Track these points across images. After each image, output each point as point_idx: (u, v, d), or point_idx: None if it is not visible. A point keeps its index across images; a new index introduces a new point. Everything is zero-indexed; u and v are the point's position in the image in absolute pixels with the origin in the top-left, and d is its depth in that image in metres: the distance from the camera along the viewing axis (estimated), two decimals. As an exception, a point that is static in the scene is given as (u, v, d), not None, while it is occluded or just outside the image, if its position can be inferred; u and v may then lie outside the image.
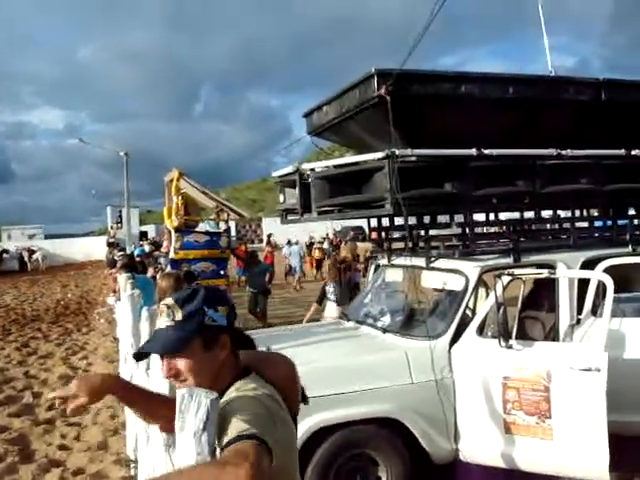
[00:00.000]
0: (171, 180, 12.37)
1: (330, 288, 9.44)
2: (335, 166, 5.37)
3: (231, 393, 1.95)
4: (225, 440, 1.70)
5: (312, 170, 5.44)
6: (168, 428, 2.08)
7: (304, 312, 15.75)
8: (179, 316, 2.02)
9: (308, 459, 4.73)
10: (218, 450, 1.71)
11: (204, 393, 1.77)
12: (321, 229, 39.95)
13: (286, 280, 25.45)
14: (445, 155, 5.19)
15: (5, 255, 45.33)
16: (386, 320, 5.99)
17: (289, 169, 5.72)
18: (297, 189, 5.59)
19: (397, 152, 4.93)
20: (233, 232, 48.62)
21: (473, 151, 5.17)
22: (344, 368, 5.10)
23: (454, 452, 5.07)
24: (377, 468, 4.96)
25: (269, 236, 30.79)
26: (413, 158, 5.11)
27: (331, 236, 33.48)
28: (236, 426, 1.73)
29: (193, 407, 1.74)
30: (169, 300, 2.08)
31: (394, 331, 5.66)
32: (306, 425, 4.65)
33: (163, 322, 2.04)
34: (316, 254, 27.30)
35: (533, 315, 6.28)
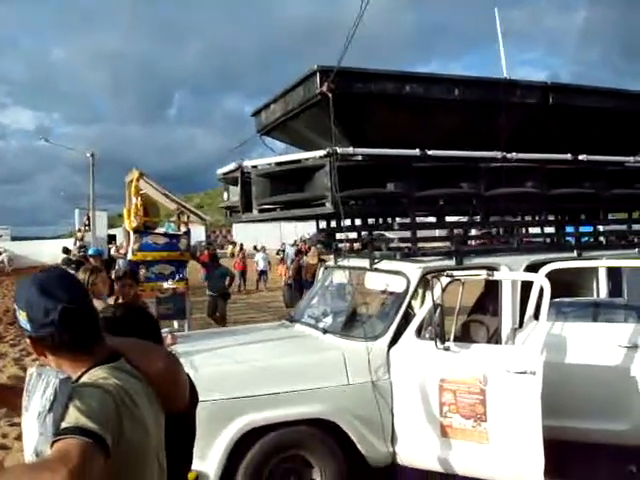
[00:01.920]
0: (131, 181, 12.23)
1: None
2: (277, 164, 5.30)
3: (83, 379, 1.84)
4: (61, 426, 1.61)
5: (254, 167, 5.37)
6: None
7: (267, 318, 15.70)
8: None
9: (239, 460, 4.64)
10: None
11: (54, 373, 1.68)
12: (291, 235, 39.86)
13: (257, 287, 25.35)
14: (387, 155, 5.16)
15: (-32, 257, 44.66)
16: (327, 321, 5.93)
17: (231, 166, 5.64)
18: (239, 187, 5.51)
19: (338, 150, 4.88)
20: (203, 237, 48.47)
21: (416, 151, 5.14)
22: (279, 368, 5.01)
23: (391, 455, 4.99)
24: (311, 470, 4.87)
25: (234, 243, 30.69)
26: (356, 157, 5.06)
27: (299, 243, 33.38)
28: (73, 415, 1.62)
29: (40, 386, 1.66)
30: None
31: (334, 332, 5.58)
32: (238, 425, 4.58)
33: None
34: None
35: (479, 319, 6.27)
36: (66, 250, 21.60)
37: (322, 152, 4.90)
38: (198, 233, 43.35)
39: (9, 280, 34.64)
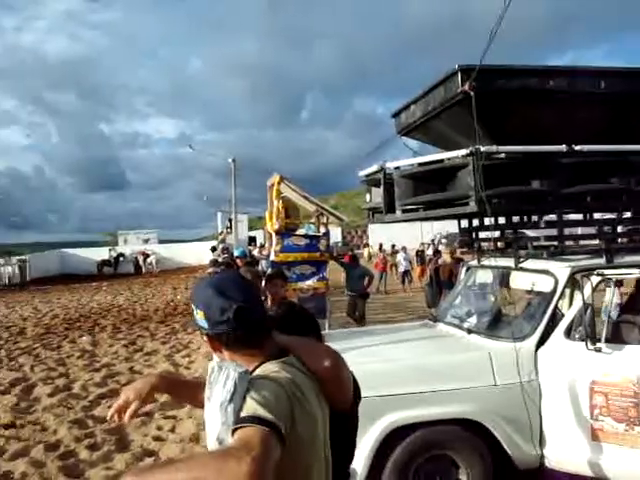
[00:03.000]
0: (272, 184, 12.57)
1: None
2: (419, 164, 5.33)
3: (256, 373, 1.96)
4: (241, 416, 1.72)
5: (396, 168, 5.42)
6: None
7: (404, 317, 15.71)
8: None
9: (386, 458, 4.70)
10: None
11: (233, 366, 1.80)
12: (428, 235, 39.66)
13: (403, 287, 24.71)
14: (532, 151, 5.05)
15: (121, 259, 47.49)
16: (472, 321, 5.87)
17: (374, 168, 5.71)
18: (381, 188, 5.57)
19: (482, 149, 4.84)
20: (339, 238, 49.03)
21: (562, 147, 5.00)
22: (425, 367, 5.03)
23: (539, 458, 4.90)
24: (457, 470, 4.87)
25: (367, 245, 30.66)
26: (499, 155, 5.00)
27: (436, 242, 33.12)
28: (251, 406, 1.73)
29: (222, 379, 1.78)
30: None
31: (479, 332, 5.53)
32: (384, 423, 4.64)
33: None
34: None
35: (631, 319, 6.02)
36: (214, 248, 22.61)
37: (465, 151, 4.88)
38: (334, 234, 43.88)
39: (157, 281, 36.42)
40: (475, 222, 6.38)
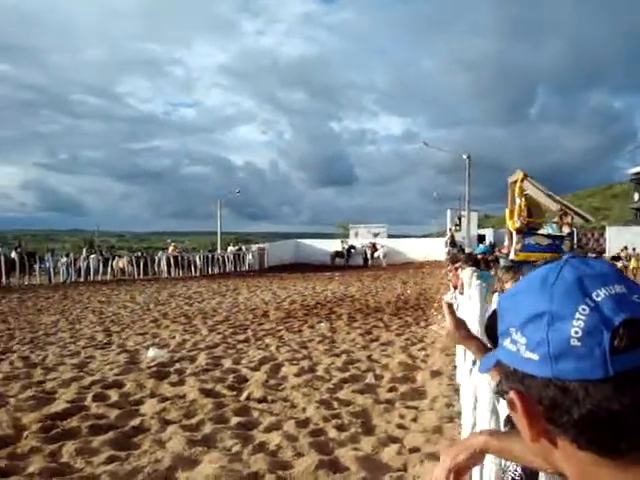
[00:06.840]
0: (514, 181, 12.37)
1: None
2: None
3: None
4: None
5: (672, 167, 5.13)
6: None
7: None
8: None
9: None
10: None
11: None
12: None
13: None
14: None
15: (352, 251, 48.93)
16: None
17: (646, 166, 5.45)
18: (654, 187, 5.30)
19: None
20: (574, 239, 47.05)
21: None
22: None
23: None
24: None
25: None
26: None
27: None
28: None
29: None
30: None
31: None
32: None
33: None
34: None
35: None
36: (453, 243, 22.91)
37: None
38: (569, 236, 42.10)
39: (386, 274, 37.00)
40: None
